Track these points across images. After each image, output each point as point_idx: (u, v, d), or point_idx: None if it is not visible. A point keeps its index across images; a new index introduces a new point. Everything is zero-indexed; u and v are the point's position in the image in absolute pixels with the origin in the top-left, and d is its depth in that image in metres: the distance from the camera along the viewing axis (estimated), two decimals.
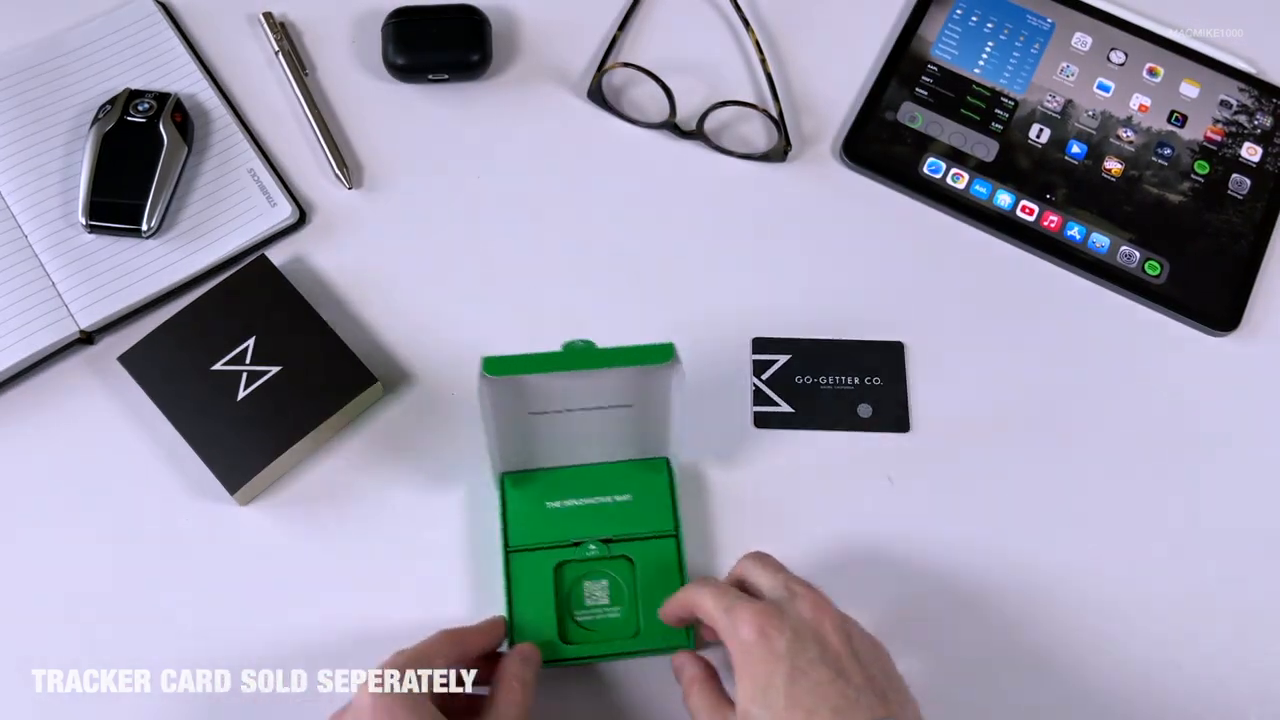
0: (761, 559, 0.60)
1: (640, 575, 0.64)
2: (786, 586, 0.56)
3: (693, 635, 0.63)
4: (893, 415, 0.70)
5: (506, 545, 0.65)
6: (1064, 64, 0.79)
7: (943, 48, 0.79)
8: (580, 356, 0.57)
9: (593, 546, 0.64)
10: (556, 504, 0.66)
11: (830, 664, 0.52)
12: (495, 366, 0.56)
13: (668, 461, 0.66)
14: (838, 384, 0.71)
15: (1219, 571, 0.68)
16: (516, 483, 0.66)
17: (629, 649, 0.63)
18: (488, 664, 0.61)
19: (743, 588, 0.59)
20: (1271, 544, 0.68)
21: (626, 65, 0.77)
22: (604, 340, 0.64)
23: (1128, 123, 0.78)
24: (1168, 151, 0.77)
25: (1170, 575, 0.67)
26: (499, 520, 0.65)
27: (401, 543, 0.67)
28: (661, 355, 0.56)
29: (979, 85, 0.78)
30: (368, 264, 0.73)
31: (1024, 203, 0.75)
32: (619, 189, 0.76)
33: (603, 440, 0.65)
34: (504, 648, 0.62)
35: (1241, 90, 0.79)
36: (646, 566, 0.64)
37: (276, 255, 0.72)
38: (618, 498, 0.66)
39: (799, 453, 0.69)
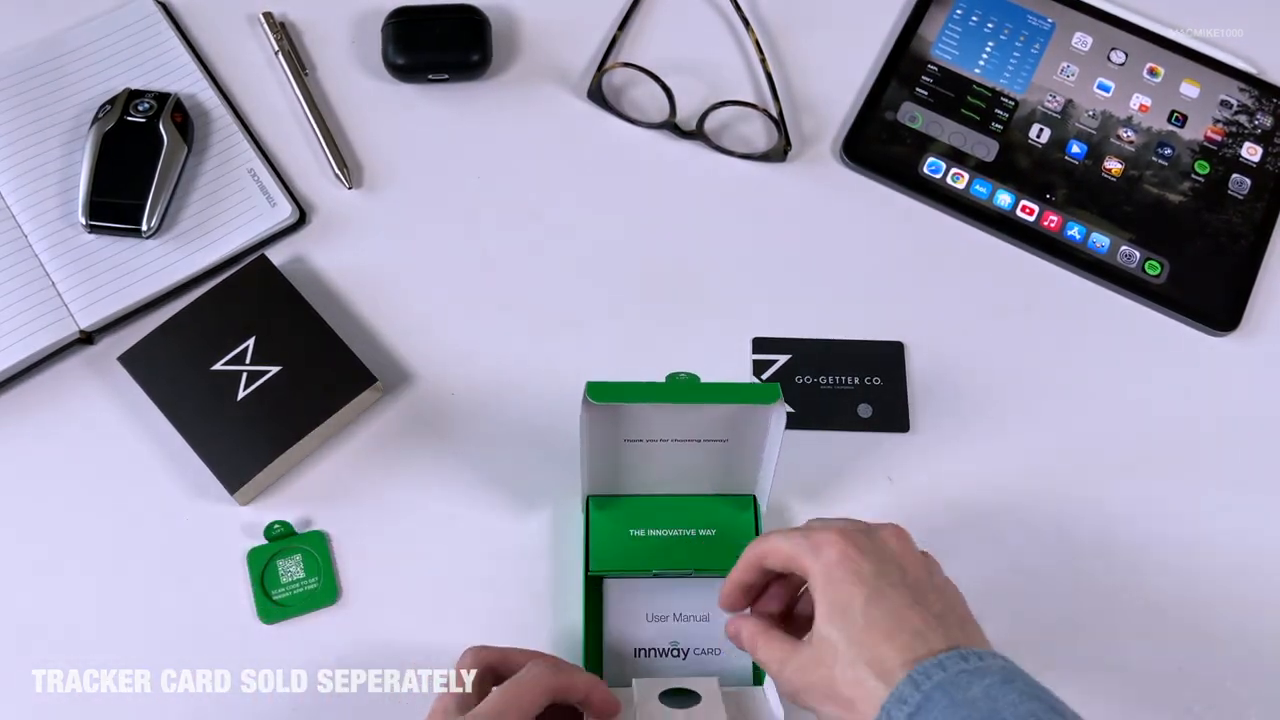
0: (829, 518, 0.58)
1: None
2: (864, 522, 0.55)
3: (764, 677, 0.62)
4: (893, 415, 0.70)
5: (587, 569, 0.63)
6: (1064, 64, 0.79)
7: (943, 47, 0.79)
8: (683, 390, 0.57)
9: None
10: (640, 532, 0.64)
11: (911, 588, 0.51)
12: (599, 393, 0.55)
13: (754, 499, 0.65)
14: (838, 384, 0.71)
15: (1219, 571, 0.68)
16: (601, 506, 0.65)
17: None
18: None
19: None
20: (1271, 544, 0.68)
21: (626, 65, 0.77)
22: (603, 341, 0.64)
23: (1128, 123, 0.78)
24: (1168, 151, 0.77)
25: (1169, 575, 0.67)
26: (582, 543, 0.64)
27: (400, 543, 0.67)
28: (767, 396, 0.56)
29: (979, 85, 0.78)
30: (368, 264, 0.73)
31: (1024, 203, 0.75)
32: (619, 189, 0.76)
33: (693, 472, 0.64)
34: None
35: (1242, 90, 0.79)
36: None
37: (276, 255, 0.72)
38: (702, 531, 0.64)
39: (799, 453, 0.69)
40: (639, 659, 0.63)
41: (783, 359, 0.72)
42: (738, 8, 0.80)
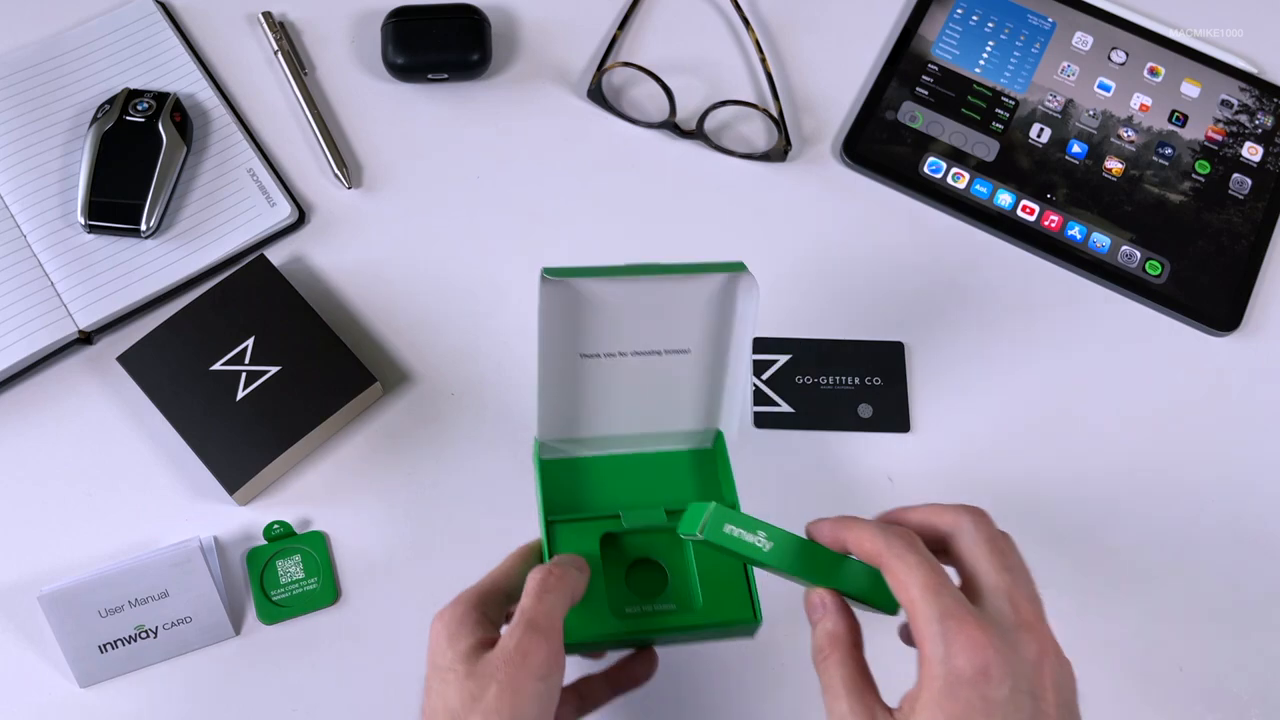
0: (985, 526, 0.48)
1: (698, 555, 0.58)
2: (1011, 599, 0.46)
3: (759, 610, 0.57)
4: (893, 415, 0.70)
5: (546, 518, 0.58)
6: (1065, 63, 0.79)
7: (943, 47, 0.79)
8: (643, 266, 0.54)
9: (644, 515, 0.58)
10: (600, 474, 0.60)
11: None
12: (555, 271, 0.52)
13: (720, 435, 0.61)
14: (838, 384, 0.71)
15: (1220, 572, 0.68)
16: (553, 451, 0.60)
17: (690, 623, 0.57)
18: None
19: (937, 543, 0.48)
20: (1272, 544, 0.68)
21: (626, 65, 0.77)
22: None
23: (1128, 122, 0.78)
24: (1168, 151, 0.77)
25: (1170, 575, 0.67)
26: (537, 490, 0.60)
27: (400, 543, 0.66)
28: (733, 267, 0.54)
29: (979, 85, 0.78)
30: (367, 264, 0.73)
31: (1024, 202, 0.75)
32: (619, 189, 0.76)
33: (656, 406, 0.59)
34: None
35: (1242, 90, 0.79)
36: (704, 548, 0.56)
37: (275, 255, 0.72)
38: (668, 472, 0.60)
39: (799, 453, 0.69)
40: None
41: (783, 359, 0.71)
42: (738, 7, 0.80)
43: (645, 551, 0.58)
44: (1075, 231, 0.75)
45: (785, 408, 0.70)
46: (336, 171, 0.74)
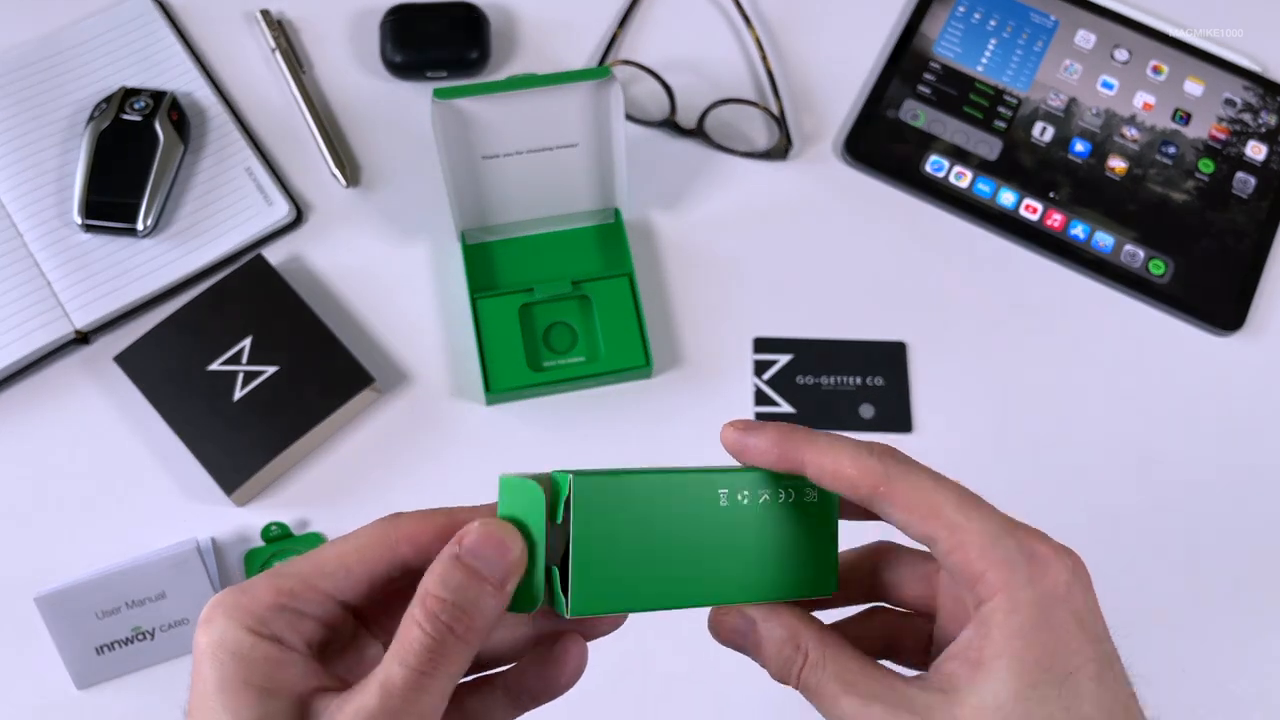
0: (958, 489, 0.39)
1: (599, 311, 0.69)
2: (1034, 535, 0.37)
3: (651, 358, 0.68)
4: (895, 415, 0.70)
5: (471, 293, 0.69)
6: (1067, 62, 0.79)
7: (945, 45, 0.79)
8: (520, 80, 0.63)
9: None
10: (516, 255, 0.71)
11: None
12: (444, 94, 0.62)
13: (618, 211, 0.72)
14: (839, 384, 0.71)
15: (1222, 572, 0.67)
16: (475, 237, 0.71)
17: (597, 370, 0.68)
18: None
19: None
20: (1275, 545, 0.68)
21: (626, 63, 0.76)
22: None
23: (1131, 121, 0.77)
24: (1172, 150, 0.76)
25: (1172, 576, 0.67)
26: (464, 273, 0.70)
27: None
28: (598, 74, 0.63)
29: (982, 83, 0.78)
30: (365, 263, 0.73)
31: (1027, 201, 0.75)
32: None
33: (554, 190, 0.69)
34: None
35: (1246, 88, 0.78)
36: (604, 303, 0.69)
37: (273, 254, 0.71)
38: (575, 248, 0.72)
39: None
40: None
41: (784, 359, 0.71)
42: (738, 5, 0.80)
43: (557, 316, 0.70)
44: (1078, 231, 0.74)
45: (786, 408, 0.70)
46: (334, 170, 0.74)
